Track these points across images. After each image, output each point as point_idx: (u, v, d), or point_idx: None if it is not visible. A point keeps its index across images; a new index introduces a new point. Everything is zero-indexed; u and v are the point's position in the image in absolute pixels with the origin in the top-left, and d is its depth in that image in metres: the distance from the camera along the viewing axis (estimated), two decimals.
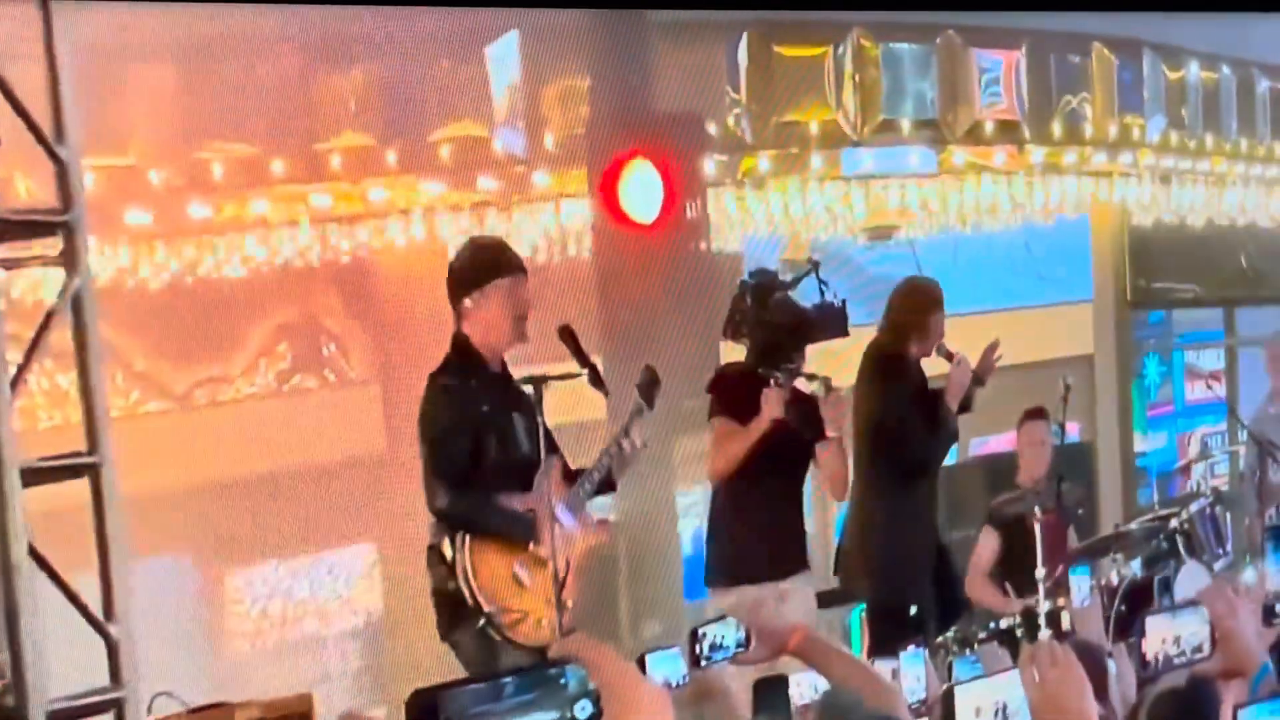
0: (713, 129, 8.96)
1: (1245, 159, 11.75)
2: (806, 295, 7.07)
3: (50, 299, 4.74)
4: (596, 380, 6.06)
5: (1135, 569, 7.58)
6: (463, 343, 6.09)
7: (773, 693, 4.17)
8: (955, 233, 10.22)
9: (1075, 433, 10.39)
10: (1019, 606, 7.24)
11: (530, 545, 5.96)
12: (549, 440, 5.99)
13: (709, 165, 8.88)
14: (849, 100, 9.40)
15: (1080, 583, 6.88)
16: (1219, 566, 7.95)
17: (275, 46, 7.68)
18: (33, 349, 4.56)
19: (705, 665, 3.73)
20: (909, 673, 4.94)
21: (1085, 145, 10.63)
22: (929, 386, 7.76)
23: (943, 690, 3.73)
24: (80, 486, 4.69)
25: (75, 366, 4.71)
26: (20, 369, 4.50)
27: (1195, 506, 8.16)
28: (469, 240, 6.72)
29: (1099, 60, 10.71)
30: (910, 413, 7.61)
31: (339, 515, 7.76)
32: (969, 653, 6.77)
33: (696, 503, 7.25)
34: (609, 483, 6.31)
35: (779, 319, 6.92)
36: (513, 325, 6.07)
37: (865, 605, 7.66)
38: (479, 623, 5.88)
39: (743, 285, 7.08)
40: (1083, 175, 10.69)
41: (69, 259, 4.65)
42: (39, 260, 4.85)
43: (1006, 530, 8.00)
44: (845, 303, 7.07)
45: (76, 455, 4.66)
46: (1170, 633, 3.39)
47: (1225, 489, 10.38)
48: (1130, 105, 10.88)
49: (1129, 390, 11.60)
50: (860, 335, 7.93)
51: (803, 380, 6.96)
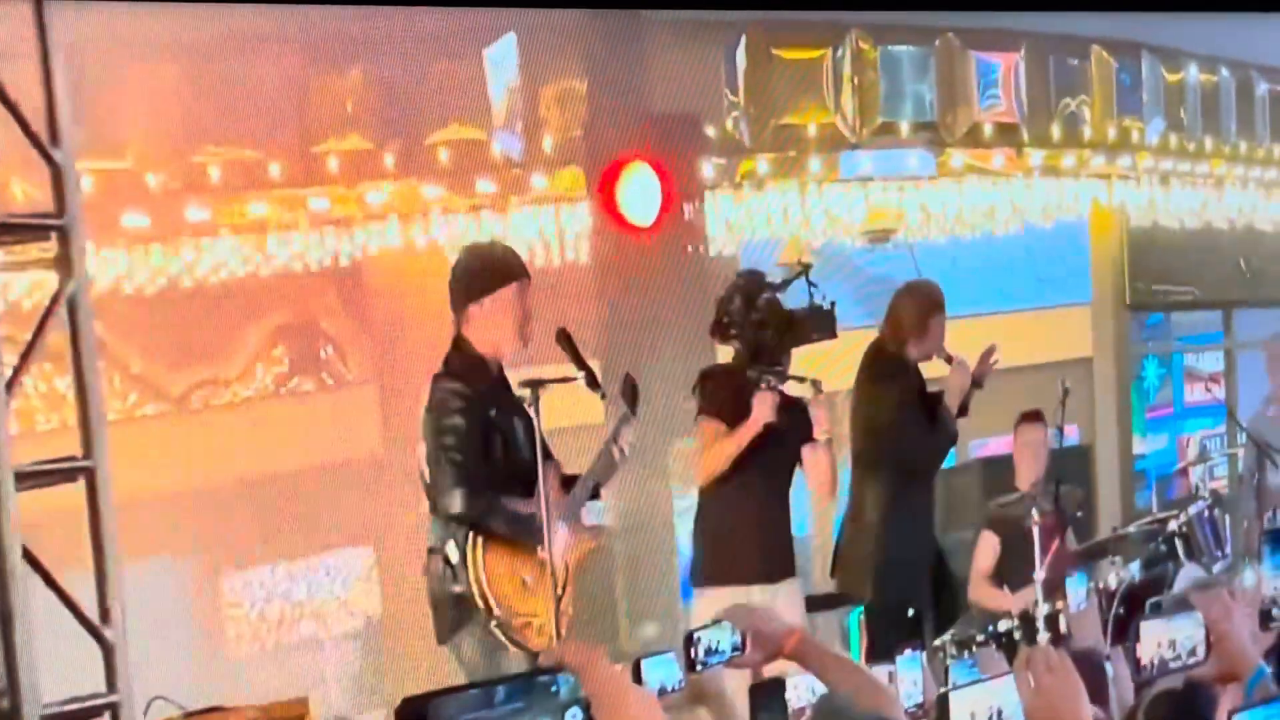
0: (711, 131, 8.97)
1: (1244, 161, 11.74)
2: (801, 297, 7.05)
3: (47, 302, 4.73)
4: (593, 383, 6.06)
5: (1134, 572, 7.58)
6: (467, 347, 6.07)
7: (770, 696, 4.16)
8: (954, 235, 10.20)
9: (1074, 435, 10.38)
10: (1020, 606, 7.23)
11: (537, 550, 5.95)
12: (544, 445, 5.99)
13: (707, 168, 8.89)
14: (847, 103, 9.40)
15: (1077, 586, 6.87)
16: (1217, 569, 7.95)
17: (272, 48, 7.67)
18: (28, 352, 4.55)
19: (700, 669, 3.71)
20: (906, 676, 4.92)
21: (1084, 148, 10.63)
22: (928, 389, 7.76)
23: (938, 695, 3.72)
24: (76, 489, 4.68)
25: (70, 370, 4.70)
26: (15, 372, 4.49)
27: (1194, 509, 8.17)
28: (470, 246, 6.70)
29: (1098, 63, 10.71)
30: (909, 415, 7.61)
31: (336, 517, 7.75)
32: (967, 656, 6.76)
33: (693, 505, 7.23)
34: (595, 490, 6.32)
35: (767, 320, 6.90)
36: (518, 330, 6.07)
37: (864, 607, 7.64)
38: (488, 626, 5.87)
39: (731, 286, 7.05)
40: (1081, 178, 10.69)
41: (64, 262, 4.64)
42: (36, 263, 4.85)
43: (1004, 533, 7.98)
44: (834, 305, 7.04)
45: (71, 459, 4.65)
46: (1165, 637, 3.38)
47: (1224, 491, 10.36)
48: (1129, 108, 10.88)
49: (1128, 393, 11.58)
50: (860, 337, 7.93)
51: (794, 382, 6.93)
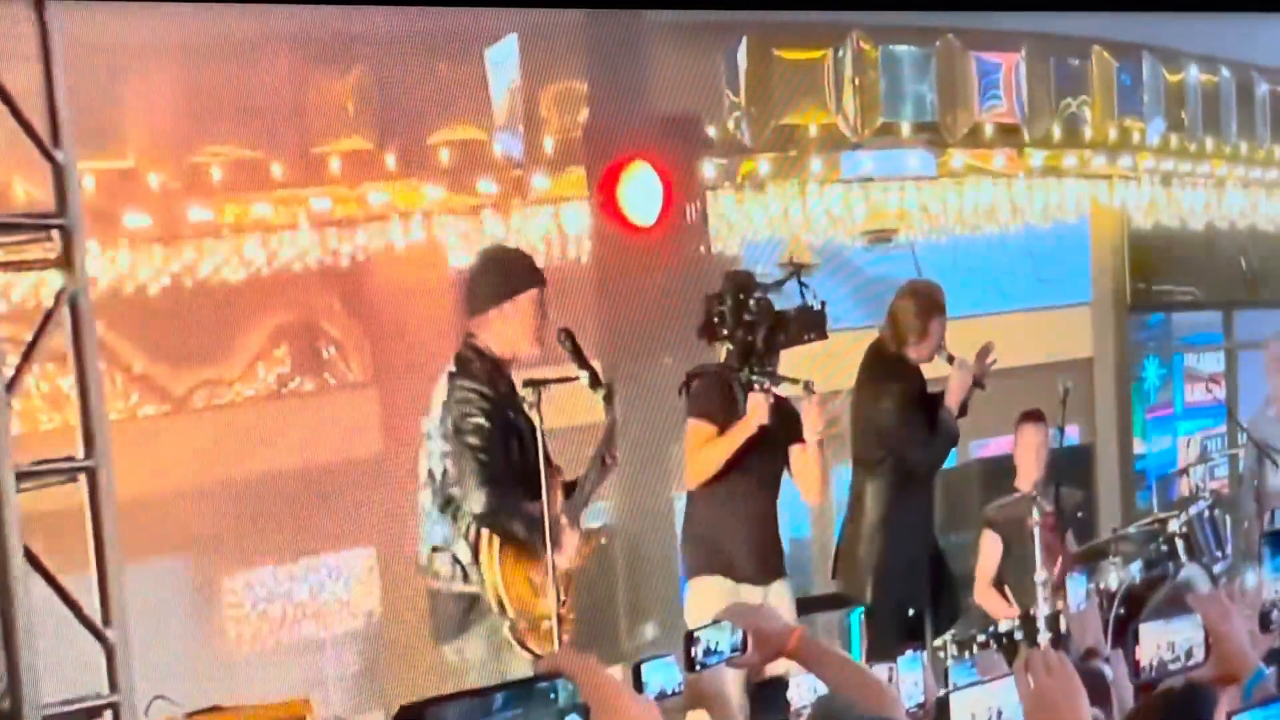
0: (712, 132, 8.96)
1: (1245, 162, 11.73)
2: (794, 298, 7.04)
3: (49, 302, 4.74)
4: (596, 383, 6.06)
5: (1134, 572, 7.58)
6: (485, 349, 6.06)
7: (771, 695, 4.17)
8: (954, 236, 10.20)
9: (1074, 435, 10.38)
10: (1021, 612, 7.24)
11: (542, 555, 5.95)
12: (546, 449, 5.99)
13: (708, 168, 8.88)
14: (848, 103, 9.39)
15: (1076, 587, 6.87)
16: (1218, 570, 7.95)
17: (274, 48, 7.67)
18: (29, 352, 4.55)
19: (700, 669, 3.72)
20: (907, 677, 4.93)
21: (1085, 148, 10.62)
22: (928, 389, 7.75)
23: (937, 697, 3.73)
24: (77, 489, 4.68)
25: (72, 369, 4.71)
26: (17, 372, 4.50)
27: (1194, 510, 8.16)
28: (490, 249, 6.69)
29: (1098, 63, 10.70)
30: (910, 416, 7.61)
31: (337, 518, 7.74)
32: (967, 657, 6.76)
33: None
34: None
35: (758, 321, 6.89)
36: (536, 335, 6.07)
37: (864, 608, 7.64)
38: (502, 628, 5.87)
39: (721, 286, 7.03)
40: (1082, 178, 10.69)
41: (65, 262, 4.65)
42: (38, 263, 4.85)
43: (1006, 535, 7.98)
44: (825, 305, 7.03)
45: (71, 459, 4.65)
46: (1164, 639, 3.38)
47: (1224, 492, 10.36)
48: (1130, 108, 10.87)
49: (1128, 393, 11.58)
50: (860, 337, 7.93)
51: (787, 383, 6.92)
